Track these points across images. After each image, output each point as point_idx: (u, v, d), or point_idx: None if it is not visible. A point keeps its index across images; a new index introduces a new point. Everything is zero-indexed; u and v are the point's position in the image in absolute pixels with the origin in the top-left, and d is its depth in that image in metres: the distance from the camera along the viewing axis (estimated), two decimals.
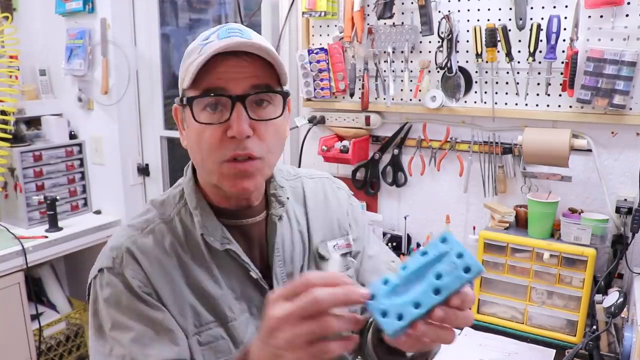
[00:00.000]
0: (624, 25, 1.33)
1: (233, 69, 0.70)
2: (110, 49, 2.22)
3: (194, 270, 0.77)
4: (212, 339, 0.76)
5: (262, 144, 0.73)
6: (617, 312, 1.22)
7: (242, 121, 0.69)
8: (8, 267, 1.88)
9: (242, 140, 0.70)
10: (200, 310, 0.76)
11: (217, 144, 0.71)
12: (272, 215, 0.83)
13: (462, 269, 0.54)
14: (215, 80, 0.70)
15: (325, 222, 0.90)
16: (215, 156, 0.71)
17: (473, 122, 1.61)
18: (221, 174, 0.72)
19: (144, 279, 0.73)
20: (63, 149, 2.30)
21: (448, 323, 0.54)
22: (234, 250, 0.78)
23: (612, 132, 1.42)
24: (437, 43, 1.56)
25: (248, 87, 0.70)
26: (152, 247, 0.76)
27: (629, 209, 1.35)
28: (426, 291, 0.54)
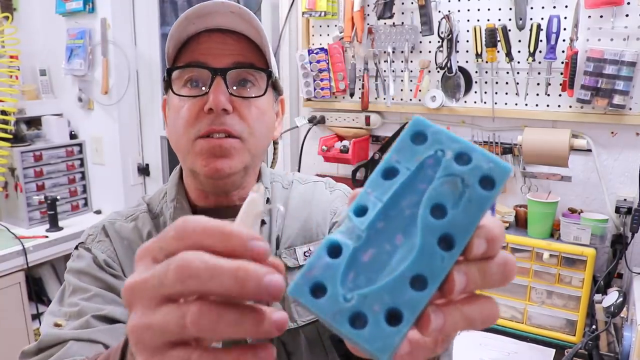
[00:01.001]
0: (623, 25, 1.33)
1: (217, 44, 0.68)
2: (111, 49, 2.22)
3: None
4: None
5: (243, 123, 0.68)
6: (616, 311, 1.23)
7: (220, 93, 0.65)
8: (8, 267, 1.89)
9: (220, 115, 0.65)
10: None
11: (193, 119, 0.66)
12: None
13: (476, 181, 0.29)
14: (197, 55, 0.67)
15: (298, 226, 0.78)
16: (190, 132, 0.67)
17: (473, 122, 1.61)
18: (194, 152, 0.67)
19: (113, 256, 0.72)
20: (63, 149, 2.30)
21: (476, 288, 0.30)
22: None
23: (612, 132, 1.42)
24: (437, 43, 1.57)
25: (231, 63, 0.67)
26: (129, 232, 0.74)
27: (629, 208, 1.36)
28: (424, 248, 0.29)
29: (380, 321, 0.27)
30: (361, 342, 0.27)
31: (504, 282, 0.31)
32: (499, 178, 0.29)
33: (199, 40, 0.68)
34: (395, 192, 0.30)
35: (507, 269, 0.30)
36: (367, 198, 0.30)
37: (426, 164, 0.30)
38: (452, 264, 0.28)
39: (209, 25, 0.68)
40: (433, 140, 0.30)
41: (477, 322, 0.30)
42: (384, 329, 0.27)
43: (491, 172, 0.29)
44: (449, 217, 0.29)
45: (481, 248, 0.29)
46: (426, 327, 0.28)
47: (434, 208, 0.29)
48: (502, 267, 0.30)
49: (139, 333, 0.29)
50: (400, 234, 0.29)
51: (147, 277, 0.29)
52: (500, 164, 0.29)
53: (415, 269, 0.28)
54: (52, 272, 2.38)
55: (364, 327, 0.27)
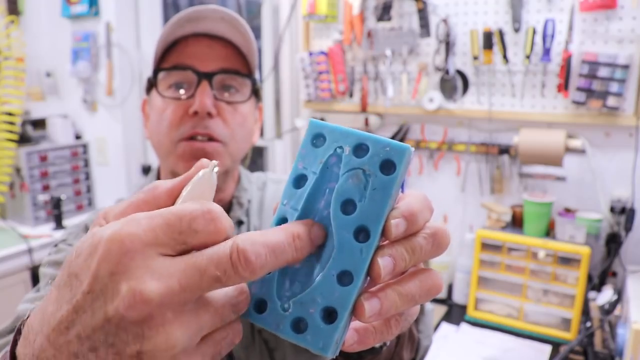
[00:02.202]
0: (617, 28, 1.36)
1: (204, 49, 0.68)
2: (115, 51, 2.26)
3: None
4: None
5: (226, 128, 0.68)
6: (610, 309, 1.25)
7: (206, 96, 0.65)
8: (14, 266, 1.91)
9: (204, 118, 0.66)
10: None
11: (177, 121, 0.67)
12: (232, 218, 0.75)
13: (377, 169, 0.30)
14: (184, 58, 0.68)
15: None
16: (173, 134, 0.67)
17: (470, 123, 1.64)
18: (177, 154, 0.67)
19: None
20: (68, 150, 2.33)
21: (409, 265, 0.30)
22: None
23: (606, 133, 1.45)
24: (435, 46, 1.59)
25: (217, 68, 0.68)
26: None
27: (623, 208, 1.38)
28: (342, 244, 0.29)
29: (318, 322, 0.29)
30: (306, 345, 0.29)
31: (437, 252, 0.31)
32: (398, 159, 0.29)
33: (186, 43, 0.69)
34: (308, 198, 0.31)
35: (437, 239, 0.31)
36: (284, 210, 0.31)
37: (329, 163, 0.31)
38: (371, 253, 0.29)
39: (197, 30, 0.69)
40: (330, 139, 0.31)
41: (419, 296, 0.30)
42: (322, 328, 0.29)
43: (389, 156, 0.29)
44: (358, 209, 0.29)
45: (400, 228, 0.29)
46: (362, 314, 0.29)
47: (344, 204, 0.30)
48: (430, 239, 0.30)
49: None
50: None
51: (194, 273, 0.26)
52: (396, 146, 0.29)
53: (339, 266, 0.29)
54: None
55: (306, 330, 0.29)
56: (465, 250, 1.60)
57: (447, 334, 1.42)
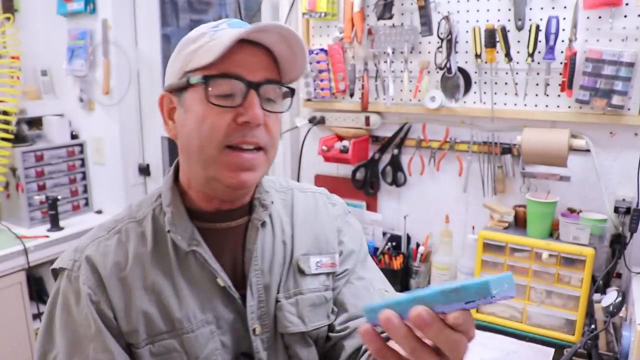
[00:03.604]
0: (622, 26, 1.34)
1: (250, 57, 0.68)
2: (112, 49, 2.23)
3: (154, 274, 0.71)
4: (164, 351, 0.70)
5: (269, 136, 0.70)
6: (615, 311, 1.23)
7: (257, 107, 0.67)
8: (10, 267, 1.89)
9: (253, 128, 0.67)
10: (154, 318, 0.70)
11: (223, 129, 0.66)
12: (254, 219, 0.77)
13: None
14: (233, 66, 0.67)
15: (311, 237, 0.83)
16: (218, 141, 0.67)
17: (472, 123, 1.61)
18: (221, 162, 0.68)
19: (94, 286, 0.69)
20: (64, 149, 2.31)
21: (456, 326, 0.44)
22: (201, 253, 0.72)
23: (611, 132, 1.43)
24: (436, 44, 1.57)
25: (262, 78, 0.68)
26: (113, 250, 0.72)
27: (627, 208, 1.36)
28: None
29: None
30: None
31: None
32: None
33: (233, 49, 0.66)
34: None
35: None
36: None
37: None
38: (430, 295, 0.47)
39: (255, 35, 0.67)
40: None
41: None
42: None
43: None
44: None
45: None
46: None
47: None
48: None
49: None
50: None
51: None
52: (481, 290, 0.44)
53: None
54: None
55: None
56: (468, 251, 1.58)
57: None
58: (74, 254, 0.72)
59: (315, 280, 0.80)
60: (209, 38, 0.68)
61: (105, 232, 0.74)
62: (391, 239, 1.78)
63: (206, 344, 0.71)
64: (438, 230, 1.68)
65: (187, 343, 0.70)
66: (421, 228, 1.75)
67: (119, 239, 0.73)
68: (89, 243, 0.73)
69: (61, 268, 0.72)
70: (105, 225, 0.76)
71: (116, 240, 0.73)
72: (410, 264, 1.68)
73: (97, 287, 0.69)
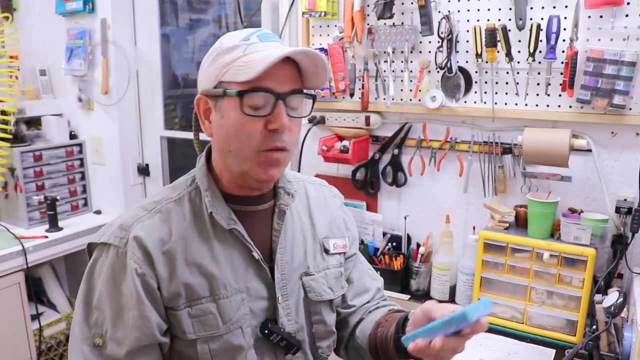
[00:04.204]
0: (623, 25, 1.33)
1: (278, 71, 0.78)
2: (111, 49, 2.22)
3: (196, 248, 0.83)
4: (201, 313, 0.82)
5: (292, 138, 0.83)
6: (616, 312, 1.22)
7: (284, 117, 0.79)
8: (8, 267, 1.88)
9: (281, 134, 0.80)
10: (195, 286, 0.82)
11: (259, 135, 0.79)
12: (280, 205, 0.92)
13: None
14: (264, 81, 0.78)
15: (326, 222, 1.01)
16: (254, 145, 0.80)
17: (473, 122, 1.61)
18: (257, 161, 0.81)
19: (140, 261, 0.79)
20: (63, 149, 2.30)
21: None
22: (239, 230, 0.85)
23: (612, 132, 1.42)
24: (437, 43, 1.57)
25: (288, 89, 0.80)
26: (157, 227, 0.82)
27: (629, 209, 1.35)
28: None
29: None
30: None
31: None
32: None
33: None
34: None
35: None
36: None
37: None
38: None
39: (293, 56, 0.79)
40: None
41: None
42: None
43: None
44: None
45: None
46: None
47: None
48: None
49: None
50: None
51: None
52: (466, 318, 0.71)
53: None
54: (52, 272, 2.38)
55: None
56: (468, 252, 1.57)
57: None
58: (120, 232, 0.82)
59: (334, 259, 0.99)
60: (242, 52, 0.79)
61: (147, 212, 0.84)
62: (391, 239, 1.77)
63: (237, 309, 0.84)
64: (438, 230, 1.68)
65: (221, 307, 0.83)
66: (421, 228, 1.74)
67: (161, 217, 0.84)
68: (133, 222, 0.82)
69: (106, 243, 0.81)
70: (146, 206, 0.86)
71: (158, 218, 0.84)
72: (411, 264, 1.67)
73: (144, 261, 0.79)
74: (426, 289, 1.67)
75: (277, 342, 0.87)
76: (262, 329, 0.87)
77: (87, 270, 0.83)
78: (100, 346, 0.79)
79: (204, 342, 0.82)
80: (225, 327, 0.83)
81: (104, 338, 0.79)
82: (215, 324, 0.82)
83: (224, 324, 0.82)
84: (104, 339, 0.79)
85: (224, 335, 0.82)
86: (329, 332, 0.97)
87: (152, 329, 0.79)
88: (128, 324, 0.78)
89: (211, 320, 0.82)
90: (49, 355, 2.17)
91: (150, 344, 0.79)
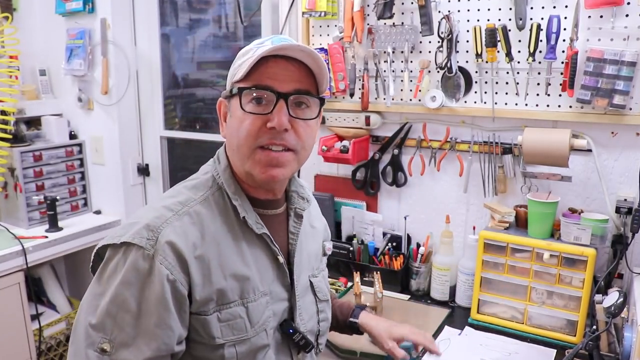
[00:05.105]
0: (623, 25, 1.33)
1: (282, 70, 0.79)
2: (110, 49, 2.22)
3: (228, 251, 0.83)
4: (231, 317, 0.82)
5: (298, 139, 0.82)
6: (617, 312, 1.22)
7: (283, 115, 0.78)
8: (8, 267, 1.88)
9: (280, 132, 0.79)
10: (226, 290, 0.81)
11: (255, 131, 0.79)
12: (296, 209, 0.94)
13: None
14: (265, 78, 0.79)
15: (322, 225, 1.09)
16: (251, 142, 0.80)
17: (473, 122, 1.61)
18: (254, 159, 0.81)
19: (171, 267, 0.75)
20: (63, 149, 2.30)
21: None
22: (268, 235, 0.86)
23: (612, 132, 1.42)
24: (437, 43, 1.57)
25: (292, 88, 0.80)
26: (189, 230, 0.79)
27: (629, 209, 1.35)
28: None
29: None
30: None
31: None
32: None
33: (267, 64, 0.79)
34: None
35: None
36: None
37: None
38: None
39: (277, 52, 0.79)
40: None
41: None
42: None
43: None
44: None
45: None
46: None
47: None
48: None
49: None
50: None
51: None
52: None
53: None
54: (52, 272, 2.38)
55: None
56: (468, 252, 1.57)
57: (450, 337, 1.40)
58: (147, 233, 0.76)
59: (325, 260, 1.06)
60: (252, 54, 0.80)
61: (174, 213, 0.80)
62: (391, 239, 1.77)
63: (263, 312, 0.86)
64: (439, 230, 1.68)
65: (250, 311, 0.83)
66: (422, 228, 1.74)
67: (190, 220, 0.81)
68: (161, 223, 0.78)
69: (129, 243, 0.76)
70: (171, 206, 0.81)
71: (188, 221, 0.80)
72: (411, 264, 1.67)
73: (176, 267, 0.76)
74: (426, 289, 1.67)
75: (298, 340, 0.90)
76: (286, 329, 0.89)
77: (99, 271, 0.78)
78: (107, 352, 0.74)
79: (231, 345, 0.81)
80: (253, 330, 0.84)
81: (114, 343, 0.74)
82: (243, 328, 0.83)
83: (252, 327, 0.84)
84: (113, 344, 0.74)
85: (251, 338, 0.83)
86: (328, 328, 1.04)
87: (172, 339, 0.76)
88: (146, 331, 0.74)
89: (240, 324, 0.82)
90: (48, 356, 2.17)
91: (165, 356, 0.77)
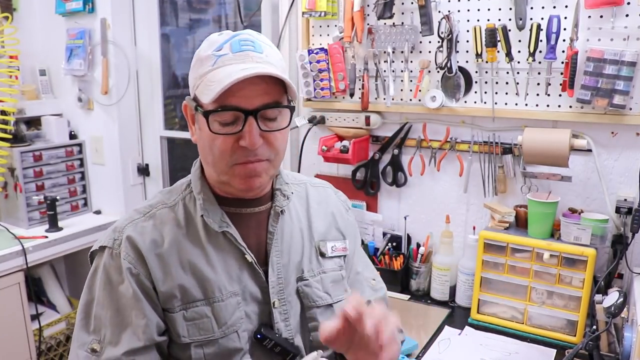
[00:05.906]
0: (623, 25, 1.33)
1: (248, 86, 0.76)
2: (110, 49, 2.22)
3: (189, 252, 0.83)
4: (197, 316, 0.81)
5: (271, 149, 0.81)
6: (617, 312, 1.22)
7: (254, 134, 0.76)
8: (8, 267, 1.88)
9: (255, 149, 0.78)
10: (189, 288, 0.81)
11: (229, 151, 0.78)
12: (275, 207, 0.90)
13: None
14: (230, 97, 0.75)
15: (325, 224, 0.98)
16: (227, 159, 0.79)
17: (473, 122, 1.61)
18: (232, 174, 0.80)
19: (134, 261, 0.80)
20: (63, 149, 2.30)
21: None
22: (231, 233, 0.84)
23: (612, 132, 1.42)
24: (437, 43, 1.56)
25: (260, 103, 0.77)
26: (150, 231, 0.83)
27: (629, 209, 1.35)
28: None
29: None
30: None
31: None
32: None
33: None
34: None
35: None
36: None
37: None
38: None
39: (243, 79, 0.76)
40: None
41: None
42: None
43: None
44: None
45: None
46: None
47: None
48: None
49: None
50: None
51: None
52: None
53: None
54: (52, 272, 2.38)
55: None
56: (468, 252, 1.57)
57: (450, 337, 1.40)
58: (114, 234, 0.83)
59: (332, 262, 0.96)
60: (211, 66, 0.77)
61: (141, 215, 0.85)
62: (391, 239, 1.77)
63: (233, 312, 0.83)
64: (439, 230, 1.68)
65: (216, 310, 0.81)
66: (422, 228, 1.74)
67: (154, 222, 0.84)
68: (127, 224, 0.83)
69: (102, 247, 0.83)
70: (140, 209, 0.86)
71: (152, 223, 0.84)
72: (411, 264, 1.67)
73: (137, 261, 0.80)
74: (426, 289, 1.67)
75: (271, 347, 0.85)
76: (256, 334, 0.84)
77: (88, 278, 0.84)
78: (97, 351, 0.78)
79: (198, 346, 0.80)
80: (221, 331, 0.81)
81: (102, 344, 0.78)
82: (210, 328, 0.81)
83: (219, 328, 0.81)
84: (102, 344, 0.78)
85: (219, 339, 0.81)
86: None
87: (152, 328, 0.79)
88: (130, 323, 0.78)
89: (206, 324, 0.81)
90: (48, 356, 2.17)
91: (149, 345, 0.79)
